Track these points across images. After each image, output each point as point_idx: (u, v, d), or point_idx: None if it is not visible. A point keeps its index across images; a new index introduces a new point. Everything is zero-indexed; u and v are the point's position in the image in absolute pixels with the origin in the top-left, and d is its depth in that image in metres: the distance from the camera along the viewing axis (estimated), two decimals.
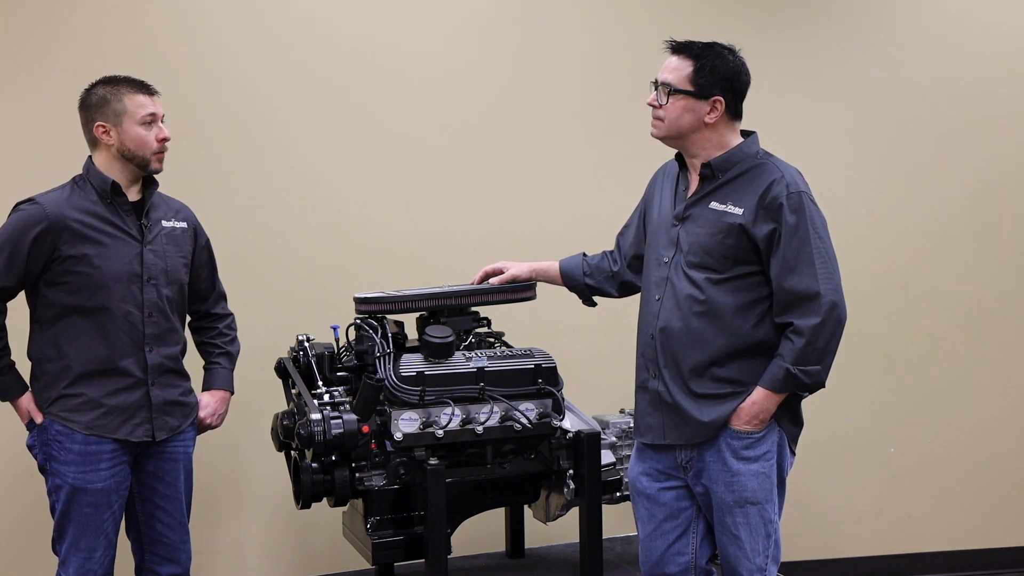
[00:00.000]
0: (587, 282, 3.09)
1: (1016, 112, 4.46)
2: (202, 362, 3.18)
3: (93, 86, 2.92)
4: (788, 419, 2.70)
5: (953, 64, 4.41)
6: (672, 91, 2.68)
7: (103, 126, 2.86)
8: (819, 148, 4.28)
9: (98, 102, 2.88)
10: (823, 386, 2.65)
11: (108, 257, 2.82)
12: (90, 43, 3.62)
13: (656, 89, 2.72)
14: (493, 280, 3.15)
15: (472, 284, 3.18)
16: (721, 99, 2.67)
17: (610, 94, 4.09)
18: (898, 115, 4.37)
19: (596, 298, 3.16)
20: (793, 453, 2.75)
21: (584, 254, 3.13)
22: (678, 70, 2.69)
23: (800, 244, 2.59)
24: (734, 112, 2.72)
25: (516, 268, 3.16)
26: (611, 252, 3.09)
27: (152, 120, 2.88)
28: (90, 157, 2.92)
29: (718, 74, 2.66)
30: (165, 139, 2.90)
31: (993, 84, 4.43)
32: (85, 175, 2.90)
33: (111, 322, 2.82)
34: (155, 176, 2.96)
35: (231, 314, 3.21)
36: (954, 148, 4.42)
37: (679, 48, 2.72)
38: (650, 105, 2.74)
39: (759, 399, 2.63)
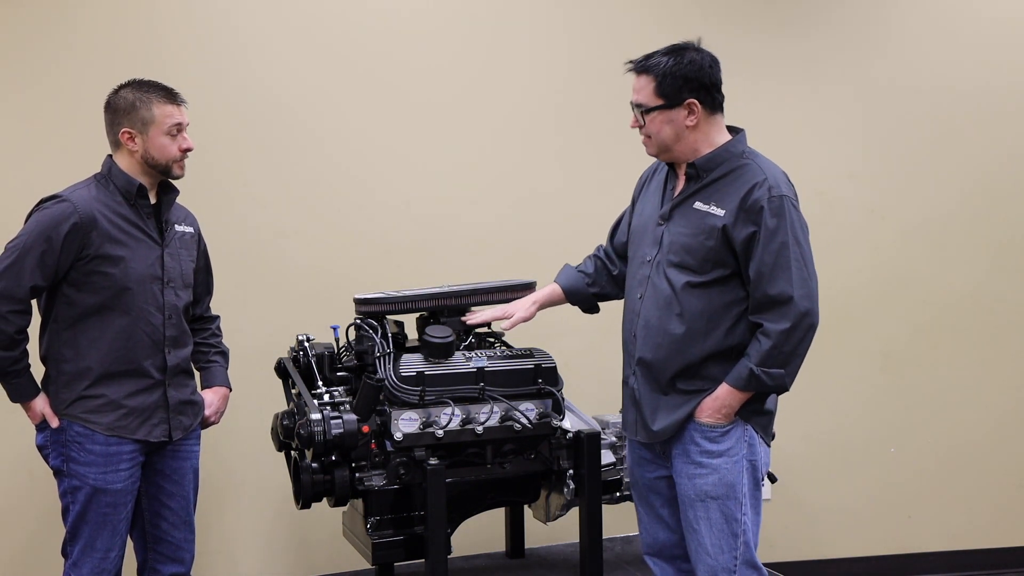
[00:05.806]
0: (592, 291, 3.08)
1: (1017, 111, 4.46)
2: None
3: (121, 88, 2.87)
4: (755, 412, 2.69)
5: (953, 63, 4.41)
6: (645, 110, 2.70)
7: (129, 132, 2.83)
8: (819, 148, 4.28)
9: (126, 107, 2.83)
10: (787, 389, 2.65)
11: (132, 259, 2.81)
12: (84, 42, 3.62)
13: (634, 111, 2.74)
14: (504, 324, 3.09)
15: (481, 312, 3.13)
16: (694, 100, 2.67)
17: (613, 93, 4.06)
18: (898, 114, 4.37)
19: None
20: (768, 443, 2.74)
21: (569, 266, 3.12)
22: (644, 88, 2.70)
23: (779, 248, 2.59)
24: (712, 107, 2.71)
25: (521, 311, 3.07)
26: (599, 255, 3.09)
27: (178, 130, 2.86)
28: (111, 156, 2.89)
29: (681, 78, 2.65)
30: (188, 149, 2.88)
31: (994, 83, 4.43)
32: (107, 175, 2.86)
33: (133, 324, 2.81)
34: (171, 181, 2.94)
35: (219, 316, 3.22)
36: (954, 147, 4.42)
37: (638, 67, 2.72)
38: (634, 127, 2.76)
39: (722, 395, 2.64)
